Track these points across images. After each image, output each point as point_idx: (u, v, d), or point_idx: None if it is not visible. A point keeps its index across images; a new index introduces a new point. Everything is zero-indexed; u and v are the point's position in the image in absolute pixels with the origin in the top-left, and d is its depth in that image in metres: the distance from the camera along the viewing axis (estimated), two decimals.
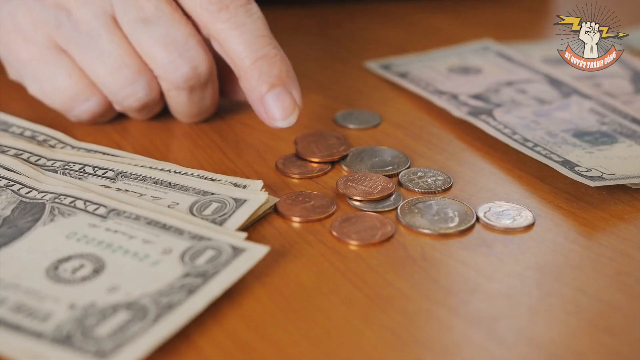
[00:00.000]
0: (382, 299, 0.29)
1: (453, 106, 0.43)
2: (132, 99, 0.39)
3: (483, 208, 0.34)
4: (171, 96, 0.39)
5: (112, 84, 0.38)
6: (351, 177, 0.36)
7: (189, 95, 0.39)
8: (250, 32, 0.37)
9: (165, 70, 0.37)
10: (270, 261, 0.30)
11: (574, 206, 0.35)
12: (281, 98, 0.37)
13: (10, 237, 0.30)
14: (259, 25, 0.38)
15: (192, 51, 0.37)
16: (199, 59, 0.37)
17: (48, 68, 0.39)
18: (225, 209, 0.32)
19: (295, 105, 0.37)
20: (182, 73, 0.37)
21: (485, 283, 0.30)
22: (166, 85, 0.38)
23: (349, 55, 0.54)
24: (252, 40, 0.37)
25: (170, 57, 0.37)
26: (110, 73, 0.38)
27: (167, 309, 0.26)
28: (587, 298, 0.29)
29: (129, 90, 0.38)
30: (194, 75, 0.38)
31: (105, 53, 0.37)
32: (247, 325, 0.27)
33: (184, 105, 0.39)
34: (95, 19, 0.37)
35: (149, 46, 0.37)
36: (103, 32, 0.37)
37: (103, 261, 0.29)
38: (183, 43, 0.37)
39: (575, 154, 0.37)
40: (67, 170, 0.35)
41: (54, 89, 0.39)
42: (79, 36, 0.38)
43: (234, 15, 0.37)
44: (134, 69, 0.38)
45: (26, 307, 0.26)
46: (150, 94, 0.39)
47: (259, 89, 0.37)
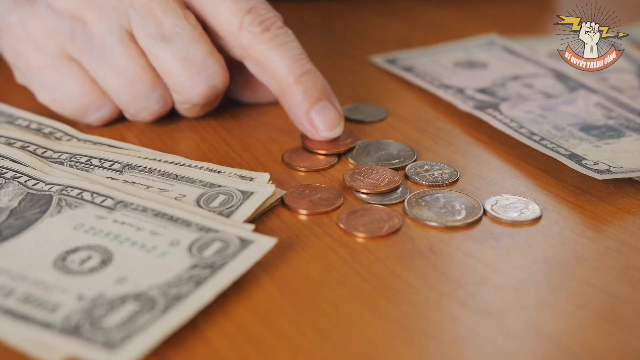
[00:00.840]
0: (390, 291, 0.29)
1: (459, 100, 0.43)
2: (146, 113, 0.39)
3: (490, 201, 0.34)
4: (184, 108, 0.40)
5: (125, 98, 0.38)
6: (358, 170, 0.36)
7: (202, 108, 0.40)
8: (291, 51, 0.38)
9: (182, 88, 0.38)
10: (277, 253, 0.30)
11: (581, 199, 0.35)
12: (326, 111, 0.38)
13: (18, 228, 0.30)
14: (297, 44, 0.39)
15: (211, 70, 0.37)
16: (217, 78, 0.38)
17: (59, 77, 0.39)
18: (232, 201, 0.32)
19: (339, 116, 0.38)
20: (199, 91, 0.38)
21: (493, 275, 0.30)
22: (181, 100, 0.39)
23: (353, 50, 0.54)
24: (294, 58, 0.38)
25: (189, 75, 0.37)
26: (123, 87, 0.38)
27: (175, 300, 0.26)
28: (596, 291, 0.29)
29: (142, 104, 0.39)
30: (211, 93, 0.38)
31: (119, 67, 0.37)
32: (255, 316, 0.27)
33: (194, 113, 0.40)
34: (110, 33, 0.37)
35: (167, 62, 0.37)
36: (117, 46, 0.37)
37: (111, 252, 0.29)
38: (202, 62, 0.37)
39: (582, 148, 0.37)
40: (73, 162, 0.35)
41: (65, 97, 0.39)
42: (93, 48, 0.38)
43: (275, 36, 0.38)
44: (147, 84, 0.38)
45: (34, 298, 0.26)
46: (164, 107, 0.39)
47: (305, 103, 0.38)
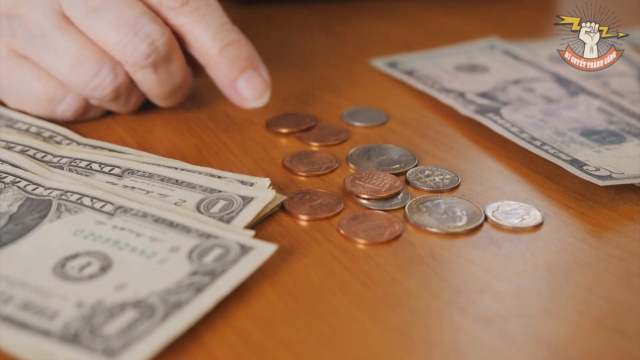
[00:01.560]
0: (391, 297, 0.29)
1: (460, 104, 0.43)
2: (101, 89, 0.38)
3: (491, 207, 0.34)
4: (139, 78, 0.39)
5: (77, 80, 0.38)
6: (358, 175, 0.36)
7: (155, 73, 0.38)
8: (213, 22, 0.38)
9: (123, 53, 0.37)
10: (278, 259, 0.30)
11: (583, 205, 0.35)
12: (252, 80, 0.39)
13: (17, 234, 0.30)
14: (220, 13, 0.39)
15: (146, 27, 0.37)
16: (155, 33, 0.37)
17: (17, 78, 0.39)
18: (233, 207, 0.32)
19: (266, 84, 0.39)
20: (140, 51, 0.37)
21: (495, 282, 0.30)
22: (130, 68, 0.38)
23: (354, 53, 0.54)
24: (217, 30, 0.38)
25: (126, 37, 0.37)
26: (72, 69, 0.38)
27: (175, 307, 0.26)
28: (597, 298, 0.29)
29: (95, 82, 0.38)
30: (153, 50, 0.37)
31: (63, 51, 0.37)
32: (256, 323, 0.27)
33: (154, 85, 0.39)
34: (45, 20, 0.37)
35: (103, 33, 0.37)
36: (55, 30, 0.37)
37: (110, 259, 0.29)
38: (135, 22, 0.37)
39: (583, 153, 0.37)
40: (73, 166, 0.35)
41: (29, 97, 0.39)
42: (34, 40, 0.38)
43: (195, 8, 0.38)
44: (94, 60, 0.38)
45: (33, 305, 0.26)
46: (116, 79, 0.38)
47: (230, 74, 0.39)
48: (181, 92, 0.41)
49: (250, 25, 0.59)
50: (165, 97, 0.40)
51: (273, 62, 0.51)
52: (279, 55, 0.53)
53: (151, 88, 0.39)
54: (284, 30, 0.58)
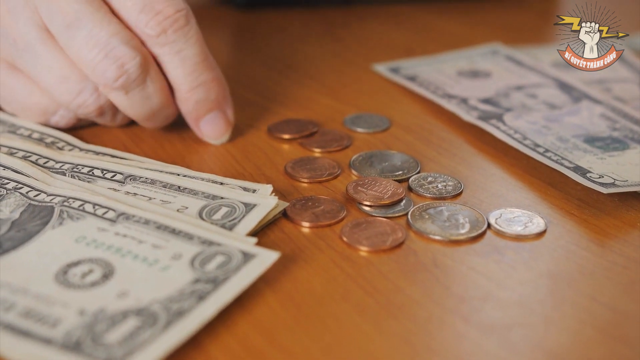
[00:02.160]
0: (394, 305, 0.29)
1: (463, 110, 0.43)
2: (84, 108, 0.38)
3: (494, 214, 0.34)
4: (112, 99, 0.37)
5: (61, 96, 0.37)
6: (361, 182, 0.36)
7: (127, 95, 0.37)
8: (188, 60, 0.37)
9: (93, 73, 0.36)
10: (280, 267, 0.30)
11: (586, 213, 0.35)
12: (216, 121, 0.39)
13: (19, 240, 0.30)
14: (197, 50, 0.37)
15: (117, 50, 0.36)
16: (126, 56, 0.36)
17: (10, 89, 0.39)
18: (235, 214, 0.32)
19: (229, 125, 0.40)
20: (110, 73, 0.36)
21: (498, 291, 0.30)
22: (102, 89, 0.37)
23: (356, 58, 0.54)
24: (190, 68, 0.37)
25: (96, 58, 0.36)
26: (56, 85, 0.37)
27: (177, 315, 0.26)
28: (601, 307, 0.29)
29: (77, 100, 0.37)
30: (122, 73, 0.36)
31: (47, 66, 0.37)
32: (258, 331, 0.27)
33: (129, 107, 0.38)
34: (30, 34, 0.37)
35: (76, 51, 0.36)
36: (39, 45, 0.37)
37: (112, 266, 0.29)
38: (106, 43, 0.35)
39: (586, 160, 0.37)
40: (75, 172, 0.35)
41: (23, 107, 0.39)
42: (21, 53, 0.37)
43: (172, 41, 0.37)
44: (75, 80, 0.37)
45: (35, 313, 0.26)
46: (99, 99, 0.38)
47: (195, 113, 0.39)
48: (164, 115, 0.39)
49: (252, 30, 0.59)
50: (144, 119, 0.39)
51: (275, 67, 0.51)
52: (281, 60, 0.53)
53: (126, 110, 0.38)
54: (286, 35, 0.58)
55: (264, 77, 0.50)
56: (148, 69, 0.37)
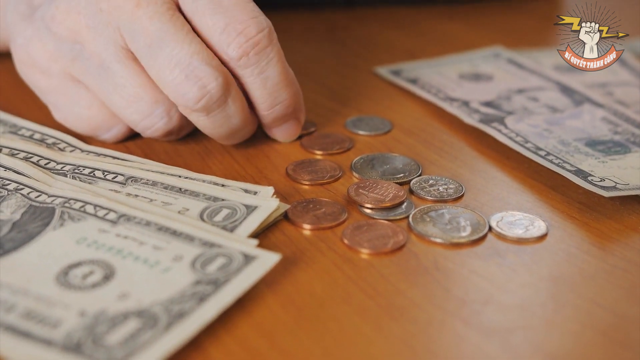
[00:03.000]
0: (395, 308, 0.29)
1: (464, 113, 0.43)
2: (153, 131, 0.38)
3: (495, 217, 0.34)
4: (193, 120, 0.37)
5: (130, 116, 0.37)
6: (362, 184, 0.36)
7: (208, 116, 0.36)
8: (269, 80, 0.37)
9: (175, 94, 0.35)
10: (281, 269, 0.30)
11: (587, 216, 0.35)
12: (289, 128, 0.40)
13: (20, 241, 0.30)
14: (278, 70, 0.37)
15: (198, 70, 0.35)
16: (208, 77, 0.35)
17: (68, 99, 0.39)
18: (236, 216, 0.32)
19: (300, 128, 0.41)
20: (191, 95, 0.35)
21: (499, 294, 0.29)
22: (182, 110, 0.36)
23: (358, 60, 0.54)
24: (271, 89, 0.37)
25: (177, 79, 0.35)
26: (127, 106, 0.37)
27: (178, 317, 0.26)
28: (602, 310, 0.29)
29: (146, 122, 0.37)
30: (203, 95, 0.35)
31: (120, 86, 0.37)
32: (259, 333, 0.27)
33: (209, 128, 0.37)
34: (107, 52, 0.36)
35: (157, 71, 0.35)
36: (115, 64, 0.36)
37: (113, 267, 0.29)
38: (187, 63, 0.35)
39: (588, 164, 0.37)
40: (76, 174, 0.35)
41: (76, 119, 0.39)
42: (94, 69, 0.37)
43: (254, 63, 0.36)
44: (149, 101, 0.37)
45: (36, 314, 0.26)
46: (169, 122, 0.38)
47: (272, 125, 0.40)
48: (243, 133, 0.39)
49: None
50: (224, 138, 0.38)
51: None
52: None
53: (207, 130, 0.37)
54: (288, 37, 0.58)
55: None
56: (229, 89, 0.36)
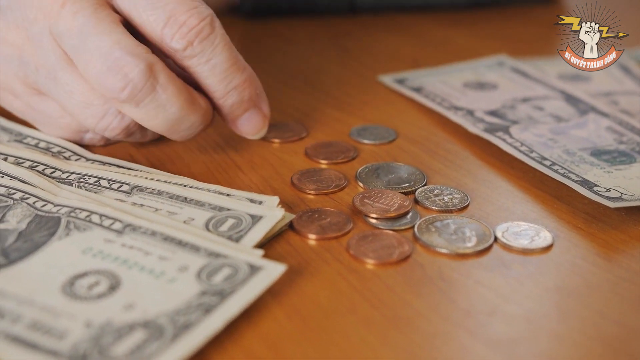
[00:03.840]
0: (401, 319, 0.29)
1: (469, 122, 0.43)
2: (110, 131, 0.37)
3: (501, 228, 0.34)
4: (126, 112, 0.36)
5: (86, 121, 0.37)
6: (367, 194, 0.36)
7: (139, 107, 0.35)
8: (218, 67, 0.36)
9: (100, 87, 0.35)
10: (286, 279, 0.30)
11: (593, 227, 0.35)
12: (252, 119, 0.39)
13: (26, 251, 0.30)
14: (226, 55, 0.36)
15: (119, 60, 0.34)
16: (128, 65, 0.34)
17: (41, 114, 0.39)
18: (242, 226, 0.32)
19: (265, 119, 0.39)
20: (114, 86, 0.34)
21: (504, 305, 0.29)
22: (112, 103, 0.36)
23: (362, 68, 0.54)
24: (221, 75, 0.37)
25: (100, 72, 0.34)
26: (81, 112, 0.37)
27: (184, 328, 0.26)
28: (608, 322, 0.29)
29: (103, 123, 0.37)
30: (126, 84, 0.34)
31: (69, 93, 0.36)
32: (265, 344, 0.27)
33: (145, 120, 0.36)
34: (49, 61, 0.36)
35: (83, 67, 0.35)
36: (60, 72, 0.36)
37: (119, 278, 0.29)
38: (108, 54, 0.34)
39: (593, 173, 0.37)
40: (82, 183, 0.35)
41: (57, 129, 0.39)
42: (45, 80, 0.37)
43: (200, 51, 0.36)
44: (98, 104, 0.36)
45: (42, 325, 0.26)
46: (123, 120, 0.37)
47: (232, 115, 0.38)
48: (187, 124, 0.37)
49: (257, 40, 0.59)
50: (167, 131, 0.37)
51: (280, 78, 0.51)
52: (287, 70, 0.53)
53: (145, 123, 0.36)
54: (292, 45, 0.58)
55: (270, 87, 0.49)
56: (156, 76, 0.35)
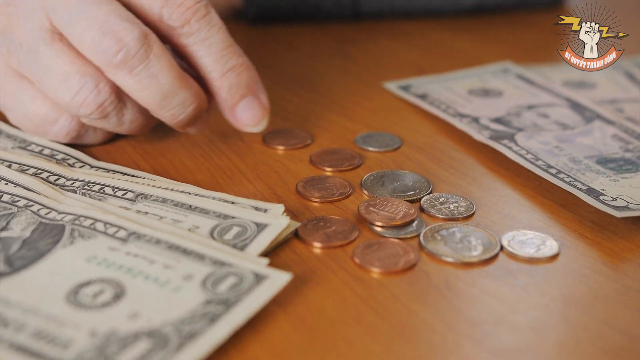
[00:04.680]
0: (406, 329, 0.28)
1: (474, 130, 0.43)
2: (85, 106, 0.37)
3: (507, 236, 0.34)
4: (119, 82, 0.36)
5: (62, 96, 0.37)
6: (372, 202, 0.36)
7: (131, 74, 0.36)
8: (214, 46, 0.37)
9: (93, 52, 0.36)
10: (292, 288, 0.30)
11: (599, 236, 0.34)
12: (251, 106, 0.39)
13: (30, 259, 0.30)
14: (222, 36, 0.38)
15: (115, 25, 0.35)
16: (123, 31, 0.35)
17: (14, 97, 0.39)
18: (247, 234, 0.32)
19: (265, 110, 0.39)
20: (109, 50, 0.35)
21: (511, 315, 0.29)
22: (107, 72, 0.36)
23: (367, 75, 0.53)
24: (218, 55, 0.37)
25: (95, 37, 0.35)
26: (57, 85, 0.37)
27: (189, 338, 0.26)
28: (615, 332, 0.29)
29: (78, 98, 0.37)
30: (120, 47, 0.35)
31: (47, 66, 0.37)
32: (270, 354, 0.27)
33: (137, 89, 0.36)
34: (34, 36, 0.37)
35: (76, 35, 0.36)
36: (42, 46, 0.37)
37: (123, 286, 0.29)
38: (103, 21, 0.35)
39: (599, 182, 0.37)
40: (86, 190, 0.35)
41: (23, 117, 0.39)
42: (26, 56, 0.37)
43: (197, 29, 0.37)
44: (76, 77, 0.37)
45: (46, 334, 0.26)
46: (99, 95, 0.37)
47: (230, 100, 0.38)
48: (179, 100, 0.37)
49: (262, 46, 0.59)
50: (158, 105, 0.37)
51: (284, 84, 0.51)
52: (290, 76, 0.53)
53: (135, 93, 0.37)
54: (296, 52, 0.58)
55: (274, 94, 0.49)
56: (150, 44, 0.36)
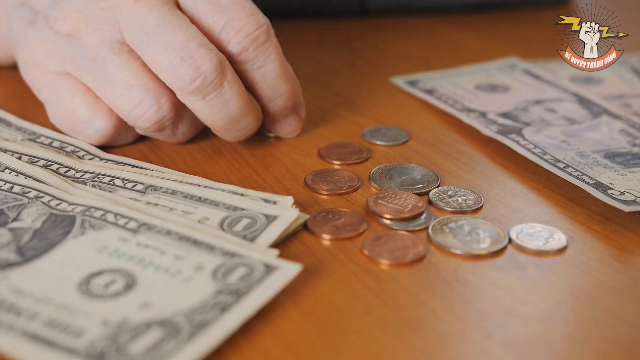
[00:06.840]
0: (416, 320, 0.29)
1: (482, 124, 0.43)
2: (143, 120, 0.38)
3: (515, 229, 0.34)
4: (190, 105, 0.37)
5: (122, 106, 0.38)
6: (381, 195, 0.36)
7: (204, 100, 0.37)
8: (268, 74, 0.39)
9: (170, 77, 0.36)
10: (301, 279, 0.30)
11: (607, 229, 0.34)
12: (290, 122, 0.42)
13: (41, 249, 0.30)
14: (276, 65, 0.39)
15: (193, 52, 0.36)
16: (202, 58, 0.36)
17: (56, 93, 0.39)
18: (256, 225, 0.32)
19: (301, 123, 0.42)
20: (186, 76, 0.36)
21: (520, 306, 0.29)
22: (179, 95, 0.37)
23: (374, 70, 0.54)
24: (270, 83, 0.39)
25: (173, 62, 0.36)
26: (118, 95, 0.37)
27: (200, 327, 0.26)
28: (625, 324, 0.29)
29: (137, 111, 0.37)
30: (197, 75, 0.36)
31: (111, 75, 0.37)
32: (280, 344, 0.27)
33: (207, 114, 0.37)
34: (103, 45, 0.37)
35: (152, 57, 0.36)
36: (109, 55, 0.37)
37: (135, 276, 0.29)
38: (183, 46, 0.36)
39: (607, 176, 0.37)
40: (96, 182, 0.35)
41: (61, 114, 0.39)
42: (89, 62, 0.38)
43: (253, 58, 0.38)
44: (138, 90, 0.37)
45: (59, 323, 0.26)
46: (159, 111, 0.37)
47: (274, 119, 0.41)
48: (244, 124, 0.39)
49: None
50: (224, 127, 0.38)
51: None
52: (298, 71, 0.52)
53: (205, 117, 0.38)
54: (303, 47, 0.58)
55: None
56: (225, 72, 0.37)
